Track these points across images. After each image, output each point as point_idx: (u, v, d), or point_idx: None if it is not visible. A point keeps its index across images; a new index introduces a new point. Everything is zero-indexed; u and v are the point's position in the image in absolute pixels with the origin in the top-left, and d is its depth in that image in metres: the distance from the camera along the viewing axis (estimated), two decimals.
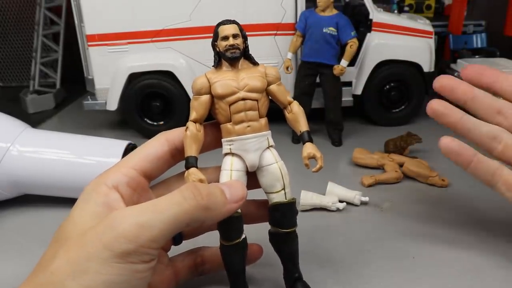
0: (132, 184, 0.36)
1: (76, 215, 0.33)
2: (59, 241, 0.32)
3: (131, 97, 0.87)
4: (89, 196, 0.34)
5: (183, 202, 0.31)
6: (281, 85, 0.39)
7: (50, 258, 0.31)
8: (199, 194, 0.31)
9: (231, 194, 0.34)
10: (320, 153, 0.38)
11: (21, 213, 0.61)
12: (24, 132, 0.61)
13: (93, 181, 0.36)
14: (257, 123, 0.37)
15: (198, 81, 0.38)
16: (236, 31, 0.37)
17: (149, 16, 0.83)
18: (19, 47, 1.32)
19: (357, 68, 0.87)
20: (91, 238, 0.30)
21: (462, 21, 1.08)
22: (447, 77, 0.45)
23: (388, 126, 0.90)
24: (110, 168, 0.37)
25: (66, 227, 0.33)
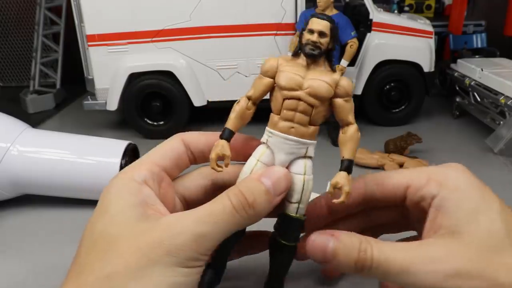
0: (158, 180, 0.35)
1: (115, 215, 0.32)
2: (99, 242, 0.31)
3: (131, 97, 0.87)
4: (121, 194, 0.33)
5: (235, 212, 0.31)
6: (349, 102, 0.35)
7: (96, 260, 0.30)
8: (246, 203, 0.32)
9: (274, 188, 0.33)
10: (349, 188, 0.34)
11: (21, 213, 0.61)
12: (24, 132, 0.61)
13: (119, 177, 0.34)
14: (305, 128, 0.35)
15: (268, 62, 0.35)
16: (325, 29, 0.34)
17: (149, 16, 0.83)
18: (19, 47, 1.32)
19: (357, 68, 0.87)
20: (150, 244, 0.30)
21: (462, 21, 1.08)
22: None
23: (388, 126, 0.90)
24: (131, 165, 0.36)
25: (105, 229, 0.31)
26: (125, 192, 0.33)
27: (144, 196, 0.33)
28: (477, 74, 0.88)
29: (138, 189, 0.33)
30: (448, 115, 0.95)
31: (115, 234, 0.31)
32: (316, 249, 0.33)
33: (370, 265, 0.31)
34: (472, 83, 0.88)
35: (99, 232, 0.31)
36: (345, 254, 0.32)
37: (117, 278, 0.29)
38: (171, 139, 0.38)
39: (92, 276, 0.29)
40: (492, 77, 0.83)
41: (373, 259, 0.31)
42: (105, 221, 0.32)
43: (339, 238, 0.33)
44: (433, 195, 0.34)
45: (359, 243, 0.32)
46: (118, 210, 0.32)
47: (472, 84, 0.88)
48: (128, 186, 0.33)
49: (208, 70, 0.86)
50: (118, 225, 0.31)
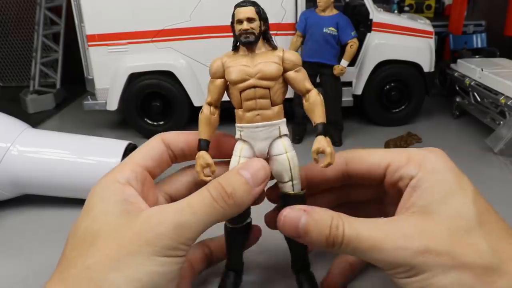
0: (141, 179, 0.36)
1: (99, 214, 0.33)
2: (83, 239, 0.32)
3: (131, 97, 0.87)
4: (105, 194, 0.34)
5: (215, 204, 0.32)
6: (300, 71, 0.36)
7: (79, 256, 0.31)
8: (225, 194, 0.33)
9: (253, 179, 0.34)
10: (331, 148, 0.34)
11: (21, 213, 0.61)
12: (24, 132, 0.61)
13: (103, 180, 0.36)
14: (269, 111, 0.36)
15: (214, 64, 0.37)
16: (251, 15, 0.35)
17: (149, 16, 0.83)
18: (19, 47, 1.32)
19: (357, 68, 0.87)
20: (129, 236, 0.31)
21: (462, 21, 1.08)
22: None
23: (388, 126, 0.90)
24: (115, 167, 0.37)
25: (89, 226, 0.32)
26: (109, 193, 0.34)
27: (127, 195, 0.34)
28: (477, 74, 0.88)
29: (121, 190, 0.34)
30: (448, 115, 0.95)
31: (97, 230, 0.32)
32: (288, 224, 0.34)
33: (341, 241, 0.32)
34: (472, 83, 0.88)
35: (83, 229, 0.33)
36: (317, 230, 0.33)
37: (97, 268, 0.30)
38: (152, 140, 0.40)
39: (74, 269, 0.30)
40: (492, 77, 0.83)
41: (344, 236, 0.32)
42: (88, 219, 0.33)
43: (311, 214, 0.33)
44: (412, 175, 0.35)
45: (331, 219, 0.33)
46: (101, 209, 0.33)
47: (472, 84, 0.88)
48: (112, 187, 0.35)
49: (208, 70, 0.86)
50: (100, 222, 0.32)
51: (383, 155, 0.37)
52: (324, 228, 0.33)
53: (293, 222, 0.33)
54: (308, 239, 0.33)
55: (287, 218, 0.34)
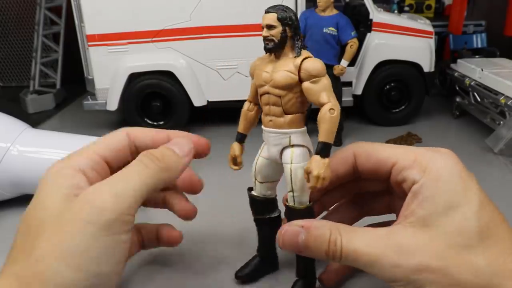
0: (97, 168, 0.36)
1: (44, 200, 0.32)
2: (31, 228, 0.32)
3: (131, 97, 0.87)
4: (55, 179, 0.34)
5: (146, 168, 0.33)
6: (317, 82, 0.34)
7: (28, 246, 0.30)
8: (155, 158, 0.34)
9: (180, 150, 0.36)
10: (318, 171, 0.33)
11: (21, 213, 0.60)
12: (24, 132, 0.61)
13: (56, 165, 0.35)
14: (281, 119, 0.36)
15: (250, 65, 0.38)
16: (271, 22, 0.34)
17: (149, 16, 0.83)
18: (19, 47, 1.32)
19: (357, 68, 0.87)
20: (69, 217, 0.30)
21: (462, 21, 1.08)
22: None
23: (388, 126, 0.90)
24: (72, 153, 0.37)
25: (36, 213, 0.32)
26: (58, 178, 0.33)
27: (77, 181, 0.33)
28: (477, 74, 0.88)
29: (71, 175, 0.33)
30: (448, 115, 0.95)
31: (43, 217, 0.31)
32: (288, 242, 0.34)
33: (340, 256, 0.32)
34: (472, 83, 0.88)
35: (30, 217, 0.32)
36: (316, 246, 0.33)
37: (44, 260, 0.29)
38: (116, 132, 0.39)
39: (25, 262, 0.30)
40: (492, 77, 0.83)
41: (342, 251, 0.32)
42: (35, 209, 0.33)
43: (309, 230, 0.34)
44: (414, 180, 0.33)
45: (329, 234, 0.33)
46: (47, 194, 0.33)
47: (472, 84, 0.88)
48: (62, 172, 0.34)
49: (208, 70, 0.86)
50: (45, 209, 0.32)
51: (390, 153, 0.36)
52: (323, 244, 0.33)
53: (292, 239, 0.34)
54: (309, 253, 0.34)
55: (286, 236, 0.34)
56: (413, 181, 0.33)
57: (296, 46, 0.35)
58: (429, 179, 0.33)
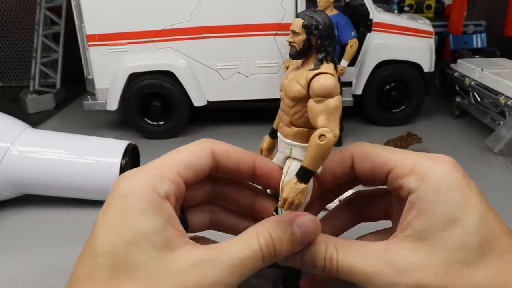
0: (178, 196, 0.32)
1: (139, 239, 0.29)
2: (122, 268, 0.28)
3: (131, 97, 0.87)
4: (144, 209, 0.29)
5: (261, 262, 0.30)
6: (320, 102, 0.31)
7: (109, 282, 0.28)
8: (274, 253, 0.31)
9: (302, 241, 0.32)
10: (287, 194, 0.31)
11: (21, 213, 0.61)
12: (24, 132, 0.61)
13: (138, 182, 0.30)
14: (287, 128, 0.34)
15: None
16: (296, 29, 0.32)
17: (149, 16, 0.83)
18: (19, 47, 1.32)
19: (357, 68, 0.87)
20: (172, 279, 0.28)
21: (462, 21, 1.08)
22: None
23: (388, 126, 0.90)
24: (151, 167, 0.32)
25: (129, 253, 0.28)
26: (148, 209, 0.29)
27: (167, 215, 0.30)
28: (477, 74, 0.88)
29: (160, 206, 0.30)
30: (448, 115, 0.95)
31: (140, 264, 0.28)
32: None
33: (336, 271, 0.32)
34: (472, 83, 0.88)
35: (122, 256, 0.28)
36: (312, 262, 0.32)
37: None
38: (199, 146, 0.34)
39: None
40: (492, 77, 0.83)
41: (339, 267, 0.32)
42: (127, 244, 0.28)
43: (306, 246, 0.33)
44: (411, 189, 0.32)
45: (325, 250, 0.32)
46: (142, 233, 0.29)
47: (472, 84, 0.88)
48: (150, 200, 0.29)
49: (208, 70, 0.86)
50: (142, 254, 0.28)
51: (388, 158, 0.34)
52: (319, 260, 0.32)
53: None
54: (305, 268, 0.33)
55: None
56: (409, 191, 0.32)
57: (318, 58, 0.32)
58: (426, 189, 0.31)
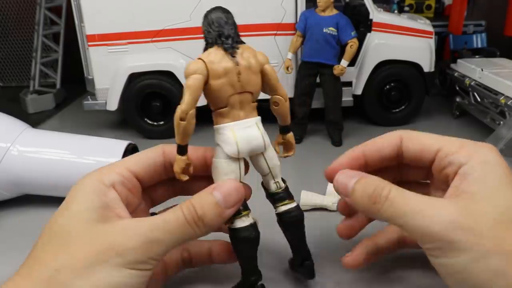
0: (127, 185, 0.37)
1: (76, 213, 0.33)
2: (57, 237, 0.33)
3: (131, 97, 0.87)
4: (86, 193, 0.34)
5: (186, 225, 0.33)
6: None
7: (50, 254, 0.32)
8: (196, 216, 0.34)
9: (225, 201, 0.34)
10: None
11: (21, 213, 0.61)
12: (24, 132, 0.61)
13: (88, 177, 0.36)
14: None
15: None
16: None
17: (149, 16, 0.83)
18: (19, 47, 1.32)
19: (357, 68, 0.87)
20: (100, 241, 0.31)
21: (462, 21, 1.08)
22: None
23: (388, 126, 0.90)
24: (104, 167, 0.37)
25: (64, 224, 0.33)
26: (90, 193, 0.34)
27: (109, 199, 0.34)
28: (477, 74, 0.88)
29: (103, 192, 0.34)
30: (448, 115, 0.95)
31: (72, 231, 0.32)
32: (339, 185, 0.37)
33: (384, 201, 0.34)
34: (472, 83, 0.88)
35: (58, 227, 0.33)
36: (364, 189, 0.35)
37: (64, 272, 0.30)
38: (152, 148, 0.39)
39: (44, 268, 0.31)
40: (492, 77, 0.83)
41: (390, 194, 0.34)
42: (65, 217, 0.34)
43: (361, 177, 0.36)
44: (461, 163, 0.34)
45: (379, 181, 0.35)
46: (79, 209, 0.33)
47: (472, 84, 0.88)
48: (94, 187, 0.34)
49: None
50: (76, 224, 0.33)
51: (437, 139, 0.38)
52: (371, 187, 0.35)
53: (344, 181, 0.37)
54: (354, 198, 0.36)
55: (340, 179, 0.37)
56: (460, 164, 0.34)
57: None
58: (476, 163, 0.34)
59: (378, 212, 0.34)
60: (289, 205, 0.40)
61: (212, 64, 0.35)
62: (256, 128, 0.36)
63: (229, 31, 0.36)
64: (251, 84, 0.36)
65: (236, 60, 0.35)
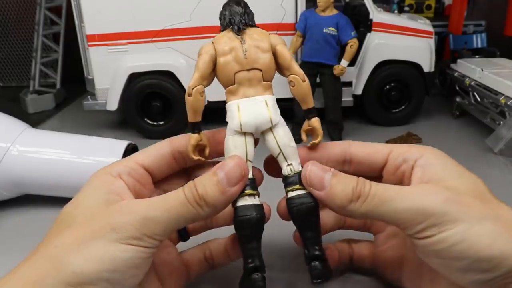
0: (135, 175, 0.37)
1: (82, 200, 0.35)
2: (63, 222, 0.34)
3: (131, 97, 0.87)
4: (94, 184, 0.36)
5: (187, 204, 0.33)
6: None
7: (53, 235, 0.33)
8: (197, 195, 0.33)
9: (227, 178, 0.33)
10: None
11: (21, 213, 0.61)
12: (24, 132, 0.61)
13: (97, 172, 0.37)
14: None
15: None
16: None
17: (149, 16, 0.83)
18: (19, 47, 1.32)
19: (357, 68, 0.87)
20: (99, 220, 0.32)
21: (462, 21, 1.08)
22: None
23: (388, 126, 0.90)
24: (114, 162, 0.38)
25: (72, 211, 0.34)
26: (97, 182, 0.36)
27: (114, 186, 0.35)
28: (477, 74, 0.88)
29: (110, 181, 0.35)
30: (448, 115, 0.95)
31: (76, 215, 0.33)
32: (314, 176, 0.34)
33: (368, 193, 0.33)
34: (472, 83, 0.88)
35: (65, 214, 0.34)
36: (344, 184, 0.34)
37: (62, 248, 0.31)
38: (160, 142, 0.40)
39: (44, 247, 0.32)
40: (492, 77, 0.83)
41: (371, 188, 0.33)
42: (72, 207, 0.35)
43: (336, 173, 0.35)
44: (416, 157, 0.36)
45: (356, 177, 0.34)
46: (85, 196, 0.35)
47: (472, 84, 0.88)
48: (102, 178, 0.36)
49: None
50: (81, 208, 0.34)
51: (385, 145, 0.39)
52: (351, 182, 0.33)
53: (319, 175, 0.34)
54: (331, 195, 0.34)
55: (313, 171, 0.34)
56: (415, 159, 0.36)
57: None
58: (432, 156, 0.36)
59: (359, 208, 0.33)
60: (299, 191, 0.36)
61: (219, 44, 0.37)
62: (263, 104, 0.36)
63: (239, 16, 0.39)
64: (259, 62, 0.37)
65: (242, 39, 0.37)
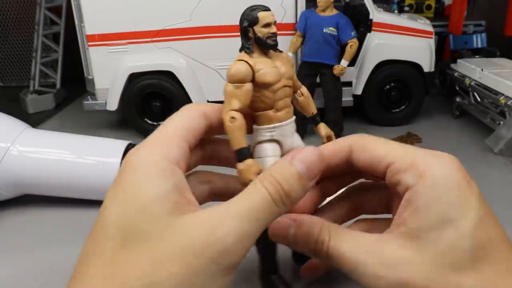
0: (188, 160, 0.31)
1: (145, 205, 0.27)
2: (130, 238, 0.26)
3: (131, 97, 0.87)
4: (152, 176, 0.28)
5: (274, 206, 0.28)
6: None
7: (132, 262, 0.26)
8: (283, 193, 0.28)
9: (309, 172, 0.30)
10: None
11: (21, 213, 0.61)
12: (24, 132, 0.61)
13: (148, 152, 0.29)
14: (292, 108, 0.38)
15: (241, 68, 0.35)
16: (274, 19, 0.38)
17: (149, 16, 0.83)
18: (19, 47, 1.32)
19: (357, 68, 0.87)
20: (192, 249, 0.26)
21: (462, 21, 1.08)
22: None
23: (388, 126, 0.90)
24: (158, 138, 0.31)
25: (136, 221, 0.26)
26: (157, 174, 0.28)
27: (177, 181, 0.28)
28: (477, 74, 0.88)
29: (171, 172, 0.28)
30: (448, 115, 0.95)
31: (148, 230, 0.26)
32: (278, 232, 0.34)
33: (325, 256, 0.32)
34: (472, 83, 0.88)
35: (130, 225, 0.27)
36: (304, 242, 0.33)
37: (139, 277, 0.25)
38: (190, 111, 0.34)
39: (131, 281, 0.25)
40: (492, 77, 0.83)
41: (328, 251, 0.32)
42: (135, 212, 0.27)
43: (300, 225, 0.33)
44: (408, 185, 0.30)
45: (318, 233, 0.32)
46: (149, 199, 0.27)
47: (472, 84, 0.88)
48: (160, 166, 0.28)
49: (208, 70, 0.86)
50: (150, 220, 0.26)
51: (388, 151, 0.33)
52: (311, 242, 0.32)
53: (283, 231, 0.34)
54: (297, 248, 0.34)
55: (279, 226, 0.34)
56: (406, 187, 0.31)
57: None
58: (424, 187, 0.30)
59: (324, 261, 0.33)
60: None
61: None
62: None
63: None
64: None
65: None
